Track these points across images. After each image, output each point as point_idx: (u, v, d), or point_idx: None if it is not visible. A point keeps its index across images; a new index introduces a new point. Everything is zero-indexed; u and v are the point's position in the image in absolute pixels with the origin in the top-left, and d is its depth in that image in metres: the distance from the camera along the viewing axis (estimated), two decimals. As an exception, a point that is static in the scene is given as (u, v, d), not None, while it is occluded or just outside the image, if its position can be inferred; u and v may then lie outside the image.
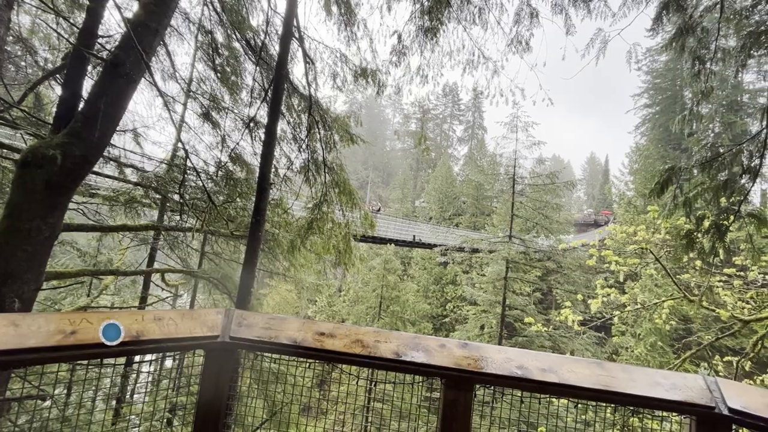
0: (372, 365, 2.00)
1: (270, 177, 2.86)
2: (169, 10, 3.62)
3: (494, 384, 1.90)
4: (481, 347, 2.03)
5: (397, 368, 2.00)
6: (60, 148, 2.94)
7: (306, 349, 1.97)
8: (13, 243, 2.71)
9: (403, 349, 1.99)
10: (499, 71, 4.21)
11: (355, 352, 1.95)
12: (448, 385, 1.91)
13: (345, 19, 4.41)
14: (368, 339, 2.02)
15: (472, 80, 16.07)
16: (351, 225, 5.07)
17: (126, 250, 7.33)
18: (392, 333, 2.12)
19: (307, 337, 1.98)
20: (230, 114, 6.66)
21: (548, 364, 1.95)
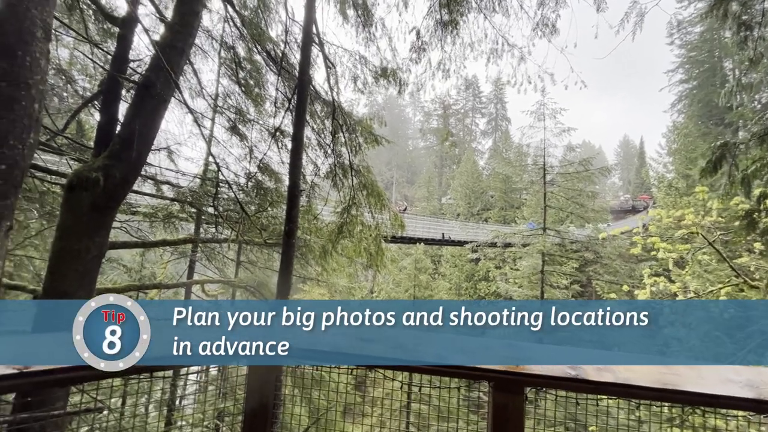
0: (414, 369, 1.95)
1: (300, 184, 2.88)
2: (193, 29, 3.73)
3: (546, 386, 1.80)
4: (529, 347, 1.93)
5: (440, 372, 1.94)
6: (101, 170, 3.08)
7: (347, 356, 1.96)
8: (66, 263, 2.86)
9: (445, 351, 1.93)
10: (525, 57, 4.06)
11: (396, 357, 1.91)
12: (497, 388, 1.83)
13: (362, 20, 4.40)
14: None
15: (496, 70, 15.71)
16: (381, 227, 5.05)
17: (167, 263, 7.65)
18: (432, 335, 2.06)
19: (347, 344, 1.96)
20: (256, 125, 6.81)
21: (604, 362, 1.83)
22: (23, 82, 1.97)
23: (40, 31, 2.04)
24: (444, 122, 57.18)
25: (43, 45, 2.09)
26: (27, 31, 1.98)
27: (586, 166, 17.12)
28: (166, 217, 5.89)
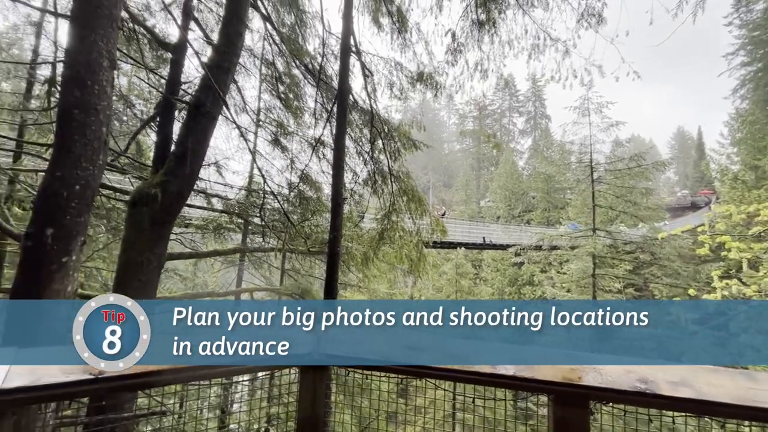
0: (467, 380, 1.88)
1: (342, 192, 2.91)
2: (237, 49, 3.92)
3: (613, 401, 1.66)
4: (591, 357, 1.80)
5: (495, 383, 1.86)
6: (159, 186, 3.29)
7: (397, 364, 1.93)
8: (130, 274, 3.08)
9: (499, 360, 1.84)
10: (570, 51, 3.87)
11: (449, 367, 1.85)
12: (558, 402, 1.71)
13: (398, 27, 4.41)
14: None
15: (538, 66, 14.77)
16: (422, 232, 5.00)
17: (218, 272, 8.04)
18: (490, 344, 1.98)
19: (397, 353, 1.93)
20: (296, 137, 7.04)
21: (679, 375, 1.66)
22: (93, 108, 2.13)
23: (106, 61, 2.21)
24: (480, 124, 56.11)
25: (109, 73, 2.25)
26: (95, 61, 2.15)
27: (638, 161, 16.01)
28: (216, 228, 6.21)
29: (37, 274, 1.94)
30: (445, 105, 65.62)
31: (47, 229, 1.95)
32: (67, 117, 2.12)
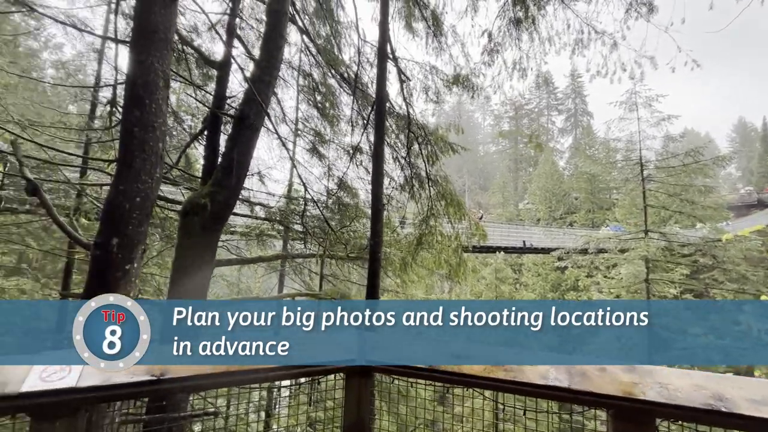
0: (517, 391, 1.80)
1: (382, 198, 2.93)
2: (278, 62, 4.07)
3: (683, 419, 1.53)
4: (655, 371, 1.67)
5: (547, 395, 1.77)
6: (208, 197, 3.46)
7: (442, 372, 1.88)
8: (184, 280, 3.25)
9: (553, 372, 1.75)
10: (618, 43, 3.65)
11: (497, 377, 1.78)
12: (618, 417, 1.60)
13: (433, 31, 4.40)
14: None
15: (583, 62, 13.74)
16: (461, 236, 4.91)
17: (261, 278, 8.34)
18: (537, 354, 1.89)
19: (441, 359, 1.90)
20: (332, 145, 7.19)
21: (761, 393, 1.50)
22: (150, 125, 2.28)
23: (161, 81, 2.36)
24: (516, 124, 54.56)
25: (164, 92, 2.40)
26: (152, 82, 2.30)
27: (695, 157, 14.83)
28: (258, 235, 6.45)
29: (105, 280, 2.08)
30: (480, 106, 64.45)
31: (113, 238, 2.09)
32: (128, 135, 2.28)
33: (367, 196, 7.09)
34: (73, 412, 1.47)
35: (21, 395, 1.37)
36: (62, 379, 1.47)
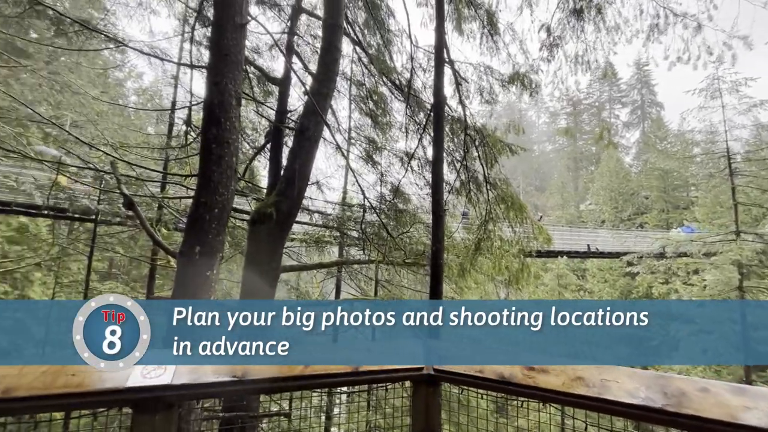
0: (602, 409, 1.66)
1: (443, 203, 2.90)
2: (334, 75, 4.21)
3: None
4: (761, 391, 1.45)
5: (637, 416, 1.61)
6: (273, 206, 3.65)
7: (516, 385, 1.79)
8: (254, 285, 3.45)
9: (644, 391, 1.59)
10: (702, 25, 3.27)
11: (578, 392, 1.66)
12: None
13: (488, 30, 4.30)
14: (592, 376, 1.70)
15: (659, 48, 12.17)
16: (522, 241, 4.69)
17: (320, 283, 8.64)
18: (620, 369, 1.74)
19: (515, 373, 1.80)
20: (384, 151, 7.27)
21: None
22: (226, 142, 2.45)
23: (234, 100, 2.53)
24: (575, 120, 51.45)
25: (236, 110, 2.57)
26: (227, 102, 2.48)
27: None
28: (315, 241, 6.69)
29: (189, 286, 2.26)
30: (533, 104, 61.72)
31: (196, 247, 2.27)
32: (206, 151, 2.47)
33: (419, 201, 7.07)
34: (168, 407, 1.61)
35: (126, 390, 1.52)
36: (159, 377, 1.61)
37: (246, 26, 2.80)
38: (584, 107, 52.08)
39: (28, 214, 8.36)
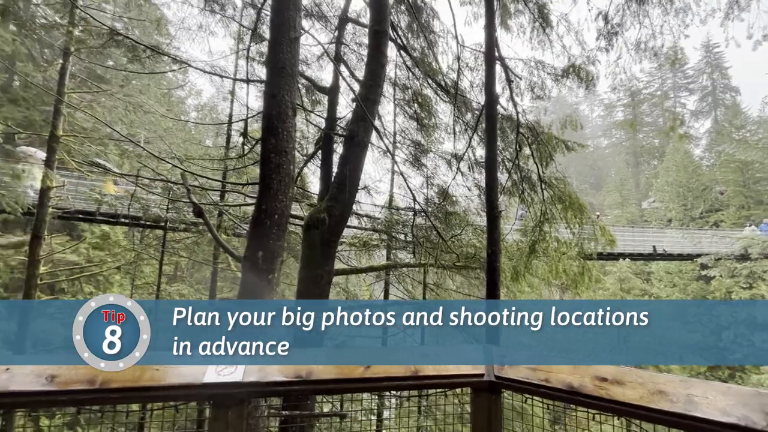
0: (689, 428, 1.51)
1: (497, 205, 2.81)
2: (381, 80, 4.26)
3: None
4: None
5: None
6: (326, 211, 3.75)
7: (586, 397, 1.68)
8: (308, 287, 3.56)
9: (740, 409, 1.42)
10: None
11: (660, 408, 1.52)
12: None
13: (540, 23, 4.13)
14: (675, 390, 1.55)
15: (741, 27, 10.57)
16: (583, 243, 4.42)
17: (369, 286, 8.74)
18: (711, 384, 1.57)
19: (585, 383, 1.70)
20: (430, 154, 7.22)
21: None
22: (283, 151, 2.56)
23: (290, 111, 2.64)
24: (634, 111, 47.83)
25: (292, 120, 2.68)
26: (283, 113, 2.59)
27: None
28: (363, 244, 6.78)
29: (253, 289, 2.38)
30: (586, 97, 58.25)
31: (258, 252, 2.39)
32: (266, 160, 2.59)
33: (466, 203, 6.92)
34: (239, 403, 1.70)
35: (203, 385, 1.63)
36: (231, 374, 1.72)
37: (299, 39, 2.91)
38: (644, 97, 48.28)
39: (109, 222, 9.32)
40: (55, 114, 6.35)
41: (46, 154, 6.42)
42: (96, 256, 12.10)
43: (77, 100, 7.52)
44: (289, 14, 2.71)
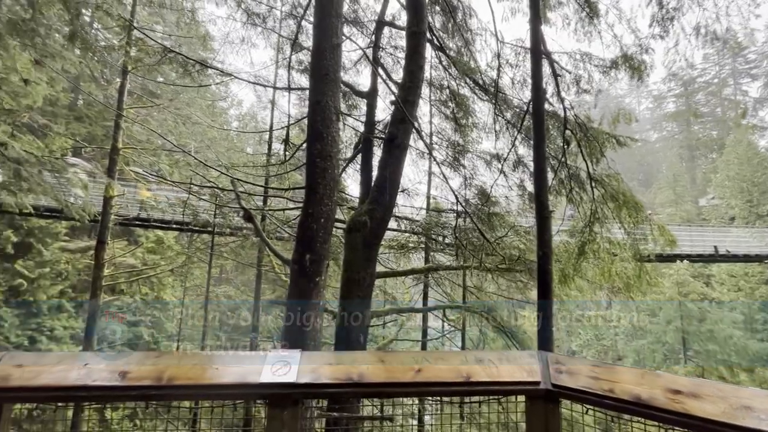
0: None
1: (548, 205, 2.70)
2: (420, 82, 4.24)
3: None
4: None
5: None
6: (367, 214, 3.77)
7: (657, 410, 1.56)
8: (351, 290, 3.59)
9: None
10: None
11: (748, 426, 1.37)
12: None
13: (587, 13, 3.93)
14: (764, 406, 1.40)
15: None
16: (637, 244, 4.14)
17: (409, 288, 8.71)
18: (807, 401, 1.40)
19: (656, 395, 1.57)
20: (468, 154, 7.09)
21: None
22: (328, 155, 2.60)
23: (334, 116, 2.68)
24: (687, 102, 44.48)
25: (336, 125, 2.72)
26: (328, 118, 2.64)
27: None
28: (401, 247, 6.77)
29: (302, 291, 2.43)
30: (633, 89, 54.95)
31: (306, 255, 2.44)
32: (312, 165, 2.65)
33: (506, 203, 6.71)
34: (294, 403, 1.73)
35: (262, 385, 1.68)
36: (285, 375, 1.75)
37: (341, 46, 2.96)
38: (699, 86, 44.79)
39: (161, 228, 9.95)
40: (116, 128, 6.89)
41: (108, 165, 6.97)
42: (151, 260, 12.97)
43: (134, 115, 8.11)
44: (331, 21, 2.77)
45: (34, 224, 11.43)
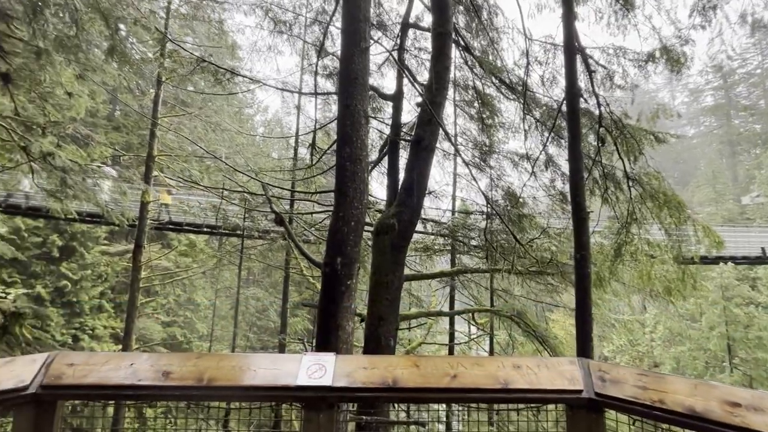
0: None
1: (585, 206, 2.60)
2: (446, 83, 4.20)
3: None
4: None
5: None
6: (395, 217, 3.76)
7: (714, 423, 1.45)
8: (380, 293, 3.59)
9: None
10: None
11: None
12: None
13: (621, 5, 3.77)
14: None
15: None
16: (679, 245, 3.92)
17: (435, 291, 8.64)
18: None
19: (712, 407, 1.47)
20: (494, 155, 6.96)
21: None
22: (357, 159, 2.61)
23: (363, 119, 2.69)
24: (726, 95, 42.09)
25: (365, 129, 2.72)
26: (357, 122, 2.65)
27: None
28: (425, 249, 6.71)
29: (333, 294, 2.45)
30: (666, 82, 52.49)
31: (337, 258, 2.45)
32: (341, 168, 2.66)
33: (534, 204, 6.53)
34: (330, 406, 1.73)
35: (297, 387, 1.69)
36: (321, 378, 1.76)
37: (368, 49, 2.97)
38: (740, 77, 42.29)
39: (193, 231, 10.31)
40: (151, 136, 7.20)
41: (144, 172, 7.30)
42: (183, 262, 13.47)
43: (167, 124, 8.46)
44: (359, 26, 2.78)
45: (77, 229, 12.12)
